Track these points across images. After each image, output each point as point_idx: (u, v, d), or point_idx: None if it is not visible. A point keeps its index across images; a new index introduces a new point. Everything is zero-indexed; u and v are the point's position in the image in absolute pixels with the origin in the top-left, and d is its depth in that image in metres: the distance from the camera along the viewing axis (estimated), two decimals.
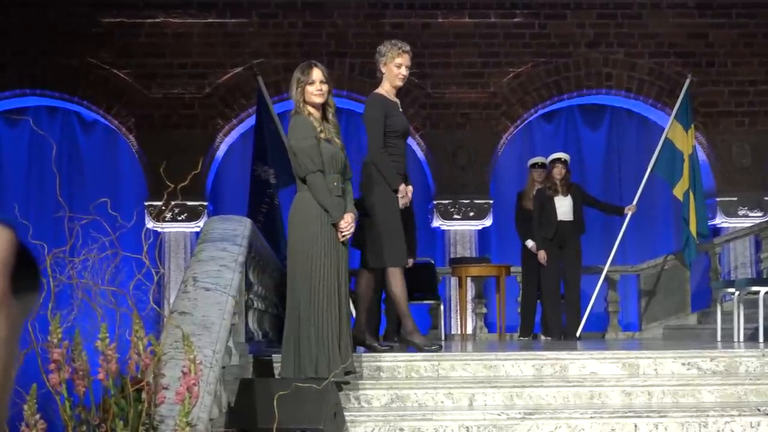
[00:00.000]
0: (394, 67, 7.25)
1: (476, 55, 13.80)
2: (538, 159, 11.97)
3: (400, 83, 7.30)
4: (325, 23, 13.78)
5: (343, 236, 6.32)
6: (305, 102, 6.30)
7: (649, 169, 11.80)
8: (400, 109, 7.40)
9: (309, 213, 6.24)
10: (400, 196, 7.26)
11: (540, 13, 13.91)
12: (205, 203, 13.52)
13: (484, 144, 13.61)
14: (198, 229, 13.06)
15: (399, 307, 7.38)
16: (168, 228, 13.37)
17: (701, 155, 13.83)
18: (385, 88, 7.33)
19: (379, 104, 7.23)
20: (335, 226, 6.27)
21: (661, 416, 6.15)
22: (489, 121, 13.70)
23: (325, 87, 6.31)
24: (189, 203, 13.18)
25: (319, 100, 6.30)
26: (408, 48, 7.38)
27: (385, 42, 7.52)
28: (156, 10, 13.65)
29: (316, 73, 6.30)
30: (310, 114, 6.31)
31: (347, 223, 6.31)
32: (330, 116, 6.41)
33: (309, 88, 6.27)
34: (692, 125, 11.96)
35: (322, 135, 6.26)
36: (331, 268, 6.22)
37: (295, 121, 6.37)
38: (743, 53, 13.96)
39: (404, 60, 7.28)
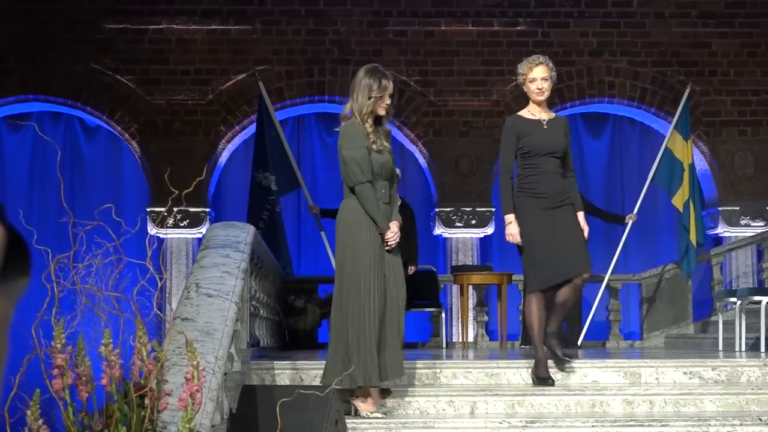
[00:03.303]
0: (529, 83, 6.99)
1: (479, 63, 13.81)
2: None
3: (536, 98, 6.99)
4: (328, 31, 13.79)
5: (389, 245, 6.26)
6: (370, 112, 6.26)
7: (649, 179, 11.81)
8: (545, 126, 6.97)
9: (356, 220, 6.23)
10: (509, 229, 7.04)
11: (543, 21, 13.93)
12: (208, 210, 13.53)
13: (486, 152, 13.62)
14: (200, 236, 13.06)
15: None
16: (170, 234, 13.37)
17: (704, 164, 13.84)
18: (528, 107, 7.12)
19: (507, 128, 7.05)
20: (381, 235, 6.24)
21: (662, 425, 6.15)
22: (491, 129, 13.70)
23: (390, 101, 6.32)
24: (191, 210, 13.19)
25: (383, 113, 6.32)
26: (542, 59, 7.02)
27: (523, 60, 7.15)
28: (160, 17, 13.67)
29: (390, 87, 6.31)
30: (366, 122, 6.25)
31: (393, 233, 6.25)
32: (384, 123, 6.42)
33: (380, 101, 6.26)
34: (691, 135, 11.98)
35: (374, 145, 6.22)
36: (379, 275, 6.17)
37: (345, 129, 6.32)
38: (746, 63, 13.97)
39: (537, 73, 6.96)
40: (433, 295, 12.23)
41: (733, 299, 10.02)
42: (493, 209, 13.77)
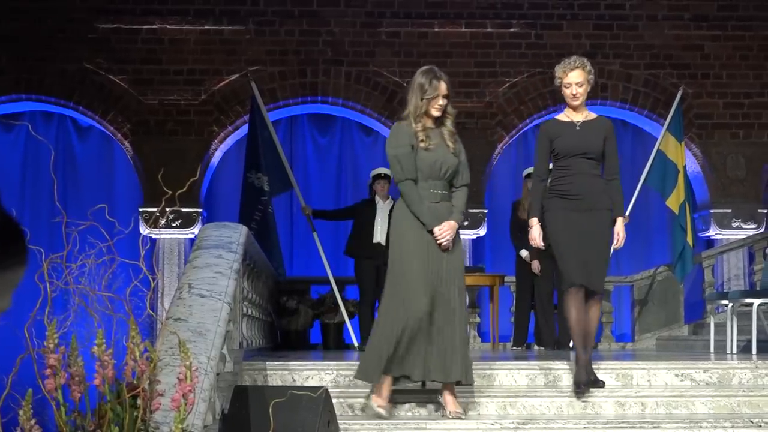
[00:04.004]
0: (564, 88, 6.80)
1: (472, 64, 13.82)
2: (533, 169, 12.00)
3: (571, 103, 6.83)
4: (321, 31, 13.79)
5: (440, 244, 6.20)
6: (424, 113, 6.26)
7: (641, 181, 11.83)
8: (577, 128, 6.81)
9: (402, 218, 6.28)
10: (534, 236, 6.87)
11: (536, 23, 13.94)
12: (200, 210, 13.51)
13: (479, 153, 13.62)
14: (192, 236, 13.04)
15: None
16: (162, 234, 13.35)
17: (696, 166, 13.87)
18: (565, 110, 6.97)
19: (541, 131, 6.94)
20: (431, 233, 6.20)
21: (654, 427, 6.16)
22: (484, 131, 13.72)
23: (445, 101, 6.27)
24: (183, 210, 13.17)
25: (438, 114, 6.25)
26: (578, 63, 6.82)
27: (560, 62, 6.98)
28: (153, 17, 13.66)
29: (443, 87, 6.27)
30: (417, 122, 6.25)
31: (441, 231, 6.17)
32: (447, 123, 6.32)
33: (432, 101, 6.23)
34: (684, 137, 12.00)
35: (422, 144, 6.19)
36: (425, 274, 6.14)
37: (392, 129, 6.41)
38: (738, 65, 14.00)
39: (573, 77, 6.76)
40: None
41: (725, 301, 10.03)
42: (486, 211, 13.78)
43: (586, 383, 6.63)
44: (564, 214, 6.69)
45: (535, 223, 6.82)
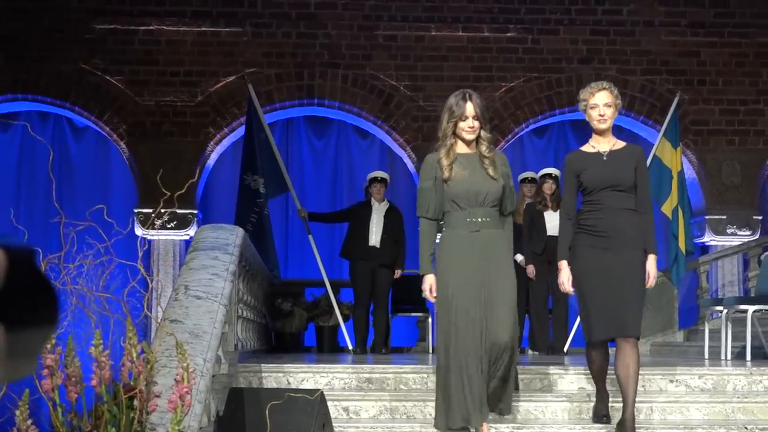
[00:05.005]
0: (590, 110, 6.25)
1: (469, 68, 13.83)
2: (529, 174, 12.02)
3: (598, 126, 6.26)
4: (318, 34, 13.79)
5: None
6: (455, 134, 5.90)
7: None
8: (604, 158, 6.23)
9: (440, 255, 5.88)
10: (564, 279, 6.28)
11: (533, 28, 13.95)
12: (195, 212, 13.50)
13: None
14: (187, 237, 13.04)
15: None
16: (157, 236, 13.34)
17: (691, 173, 13.88)
18: (590, 140, 6.41)
19: (565, 166, 6.39)
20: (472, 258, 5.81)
21: None
22: None
23: (477, 123, 5.83)
24: (179, 211, 13.15)
25: (470, 137, 5.86)
26: (605, 85, 6.32)
27: (585, 86, 6.45)
28: (150, 18, 13.65)
29: (470, 108, 5.84)
30: (444, 147, 5.87)
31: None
32: (483, 148, 5.88)
33: (461, 124, 5.84)
34: (680, 143, 12.02)
35: (446, 174, 5.80)
36: (462, 311, 5.72)
37: (423, 161, 6.09)
38: (734, 72, 14.03)
39: (600, 98, 6.24)
40: (420, 300, 12.22)
41: (720, 308, 10.04)
42: None
43: (603, 416, 6.36)
44: (591, 254, 6.14)
45: (564, 266, 6.24)
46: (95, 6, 13.57)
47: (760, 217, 13.93)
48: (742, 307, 9.74)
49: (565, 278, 6.21)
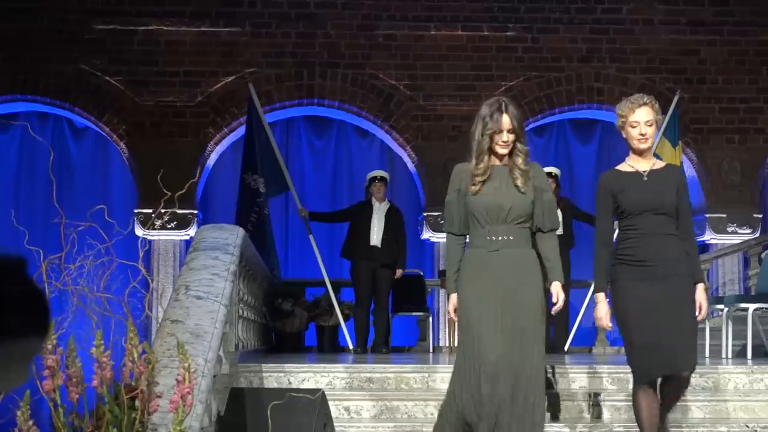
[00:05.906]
0: (630, 128, 5.71)
1: (468, 68, 13.82)
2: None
3: (638, 146, 5.74)
4: (318, 34, 13.79)
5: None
6: (487, 149, 5.38)
7: None
8: (644, 179, 5.72)
9: (462, 273, 5.41)
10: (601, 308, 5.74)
11: (533, 27, 13.95)
12: (195, 212, 13.50)
13: None
14: (188, 237, 13.04)
15: None
16: (157, 236, 13.34)
17: (691, 171, 13.88)
18: (627, 158, 5.89)
19: (600, 186, 5.84)
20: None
21: None
22: None
23: (511, 137, 5.33)
24: (179, 211, 13.15)
25: (503, 151, 5.37)
26: (646, 99, 5.72)
27: (623, 100, 5.85)
28: (149, 18, 13.65)
29: (506, 121, 5.33)
30: (481, 161, 5.39)
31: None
32: (519, 161, 5.38)
33: (495, 137, 5.34)
34: (680, 142, 12.02)
35: (473, 187, 5.38)
36: (482, 332, 5.22)
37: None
38: (734, 70, 14.02)
39: (640, 115, 5.67)
40: (421, 299, 12.25)
41: (720, 306, 10.04)
42: None
43: None
44: (634, 286, 5.54)
45: (601, 299, 5.70)
46: (95, 6, 13.57)
47: (761, 216, 13.92)
48: (743, 305, 9.74)
49: (603, 313, 5.69)
